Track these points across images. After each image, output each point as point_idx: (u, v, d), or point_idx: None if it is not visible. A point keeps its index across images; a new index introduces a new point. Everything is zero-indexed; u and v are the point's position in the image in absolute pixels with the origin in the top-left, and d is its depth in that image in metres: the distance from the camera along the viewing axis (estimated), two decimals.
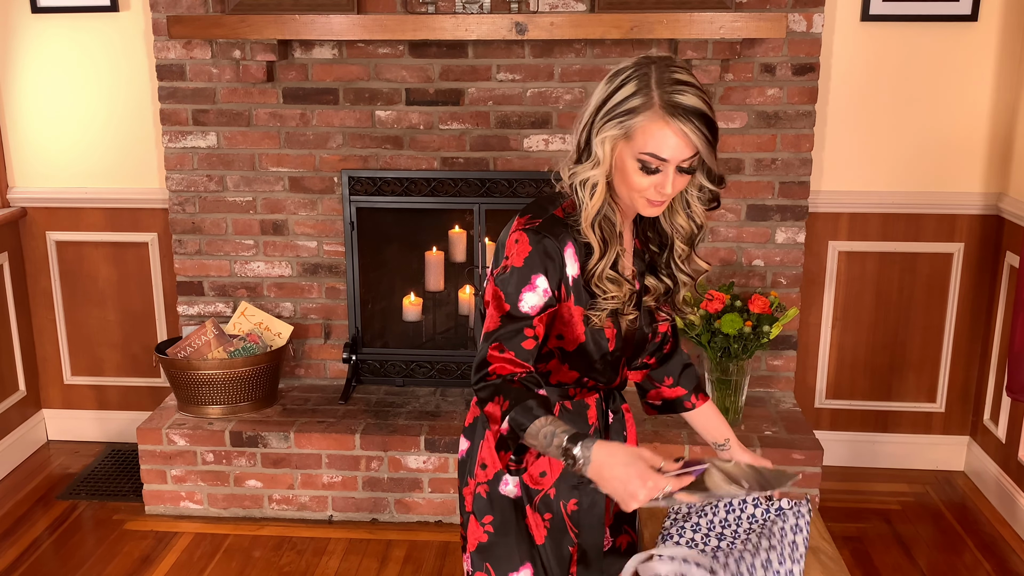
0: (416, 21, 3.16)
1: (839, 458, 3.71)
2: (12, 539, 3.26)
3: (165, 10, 3.35)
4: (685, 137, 1.54)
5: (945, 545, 3.23)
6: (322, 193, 3.52)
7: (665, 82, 1.54)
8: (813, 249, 3.56)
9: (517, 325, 1.61)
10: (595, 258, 1.64)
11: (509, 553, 1.81)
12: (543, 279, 1.62)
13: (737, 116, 3.35)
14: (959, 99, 3.42)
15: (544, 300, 1.62)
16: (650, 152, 1.55)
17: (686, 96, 1.53)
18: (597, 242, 1.63)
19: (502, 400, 1.54)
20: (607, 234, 1.64)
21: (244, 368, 3.36)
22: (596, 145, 1.59)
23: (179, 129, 3.49)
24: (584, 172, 1.62)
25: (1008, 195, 3.42)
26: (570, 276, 1.65)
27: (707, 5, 3.17)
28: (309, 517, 3.38)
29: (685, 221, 1.71)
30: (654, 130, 1.54)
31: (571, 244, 1.64)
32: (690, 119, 1.53)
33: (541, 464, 1.78)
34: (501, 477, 1.81)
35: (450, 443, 3.26)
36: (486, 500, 1.81)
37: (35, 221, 3.79)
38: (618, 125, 1.56)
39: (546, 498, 1.80)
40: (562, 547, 1.82)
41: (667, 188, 1.58)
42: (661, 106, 1.53)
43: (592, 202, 1.62)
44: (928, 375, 3.68)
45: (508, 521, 1.80)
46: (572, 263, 1.65)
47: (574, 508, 1.81)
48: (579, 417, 1.79)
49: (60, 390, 3.95)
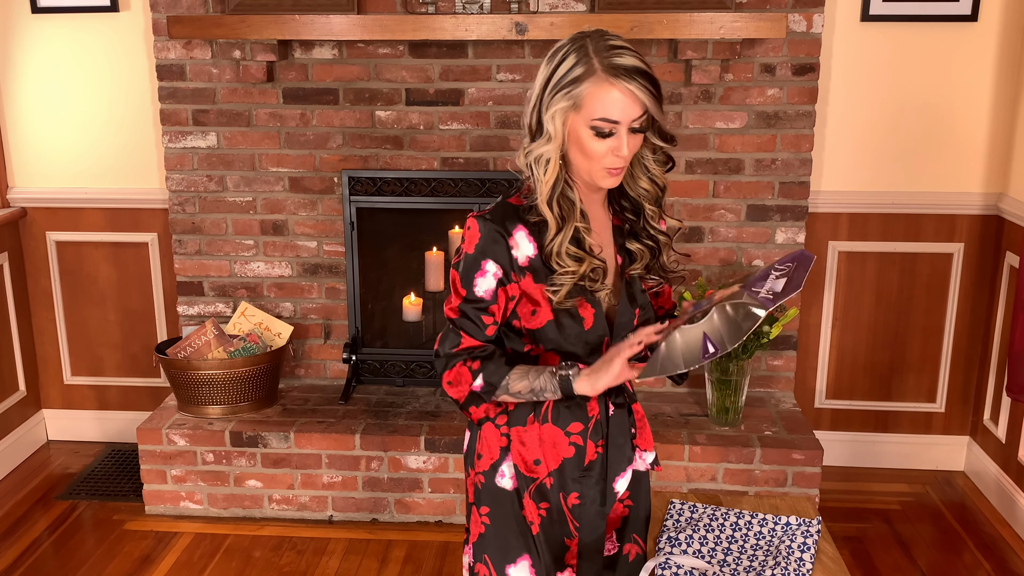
0: (416, 21, 3.16)
1: (839, 458, 3.71)
2: (12, 539, 3.26)
3: (165, 10, 3.35)
4: (632, 95, 1.59)
5: (945, 545, 3.23)
6: (322, 193, 3.52)
7: (603, 49, 1.60)
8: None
9: (475, 311, 1.70)
10: (551, 234, 1.68)
11: (506, 545, 1.82)
12: (491, 263, 1.68)
13: (737, 116, 3.35)
14: (959, 99, 3.43)
15: (495, 283, 1.69)
16: (600, 117, 1.60)
17: (625, 57, 1.59)
18: (554, 219, 1.67)
19: (469, 362, 1.70)
20: (565, 211, 1.68)
21: (244, 368, 3.36)
22: (547, 122, 1.64)
23: (179, 129, 3.50)
24: (537, 149, 1.66)
25: (1008, 195, 3.42)
26: (522, 257, 1.69)
27: (707, 5, 3.17)
28: (309, 517, 3.38)
29: (648, 185, 1.75)
30: (601, 94, 1.59)
31: (522, 227, 1.69)
32: (633, 77, 1.58)
33: (534, 450, 1.79)
34: (497, 469, 1.81)
35: (450, 443, 3.26)
36: (483, 491, 1.83)
37: (35, 221, 3.79)
38: (566, 96, 1.61)
39: (542, 487, 1.80)
40: (558, 537, 1.82)
41: (623, 150, 1.62)
42: (603, 70, 1.58)
43: (547, 177, 1.66)
44: (928, 375, 3.68)
45: (505, 513, 1.81)
46: (525, 244, 1.69)
47: (576, 502, 1.80)
48: (578, 408, 1.78)
49: (60, 390, 3.96)
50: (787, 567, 1.90)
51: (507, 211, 1.70)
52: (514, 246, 1.68)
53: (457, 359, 1.71)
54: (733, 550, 1.98)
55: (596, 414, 1.80)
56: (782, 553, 1.95)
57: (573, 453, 1.79)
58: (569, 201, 1.69)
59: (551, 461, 1.79)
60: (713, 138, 3.38)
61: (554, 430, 1.78)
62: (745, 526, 2.05)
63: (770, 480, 3.19)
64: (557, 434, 1.78)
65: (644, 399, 3.50)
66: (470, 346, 1.71)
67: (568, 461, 1.79)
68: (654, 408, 3.45)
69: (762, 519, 2.06)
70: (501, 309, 1.71)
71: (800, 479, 3.18)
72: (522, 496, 1.80)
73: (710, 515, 2.10)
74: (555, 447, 1.78)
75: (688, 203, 3.44)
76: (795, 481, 3.18)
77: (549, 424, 1.78)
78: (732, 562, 1.94)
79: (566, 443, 1.79)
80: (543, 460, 1.79)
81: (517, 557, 1.81)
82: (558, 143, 1.64)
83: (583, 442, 1.79)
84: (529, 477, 1.80)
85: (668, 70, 3.33)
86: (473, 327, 1.70)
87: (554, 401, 1.77)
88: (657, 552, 1.98)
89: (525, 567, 1.81)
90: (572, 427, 1.79)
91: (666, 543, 1.99)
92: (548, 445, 1.78)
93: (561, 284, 1.68)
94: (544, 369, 1.71)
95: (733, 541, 2.01)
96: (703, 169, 3.41)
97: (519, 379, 1.70)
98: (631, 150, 1.63)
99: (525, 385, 1.70)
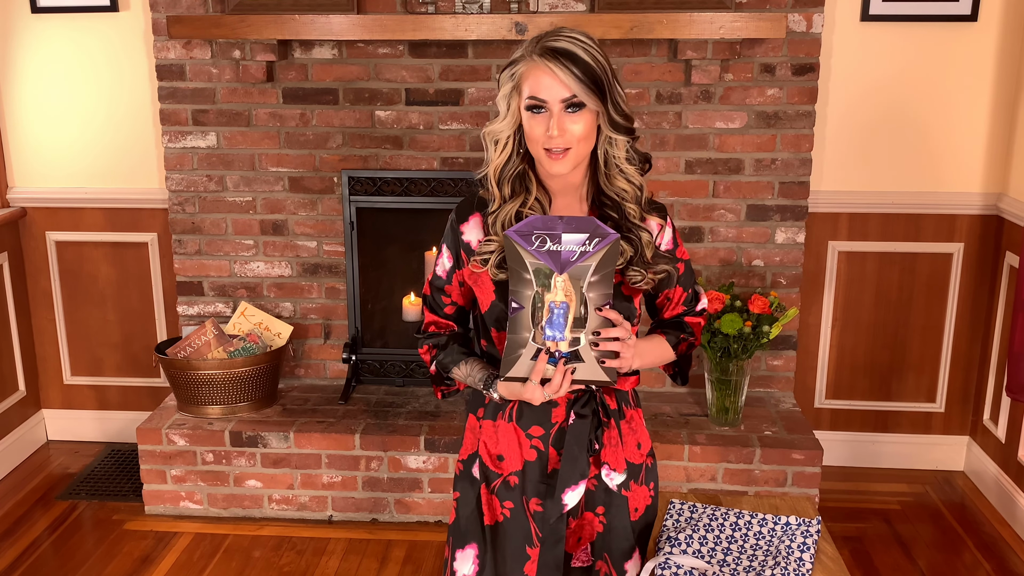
0: (416, 21, 3.16)
1: (839, 458, 3.71)
2: (12, 539, 3.26)
3: (165, 10, 3.35)
4: (554, 76, 1.65)
5: (945, 545, 3.23)
6: (322, 193, 3.52)
7: (544, 36, 1.70)
8: (813, 249, 3.57)
9: (437, 291, 1.89)
10: (494, 205, 1.76)
11: (462, 531, 1.88)
12: (446, 249, 1.85)
13: (737, 116, 3.35)
14: (959, 99, 3.43)
15: (449, 265, 1.85)
16: (531, 95, 1.68)
17: (558, 41, 1.67)
18: (499, 194, 1.76)
19: (430, 348, 1.91)
20: (515, 189, 1.76)
21: (244, 368, 3.36)
22: (499, 101, 1.74)
23: (179, 129, 3.49)
24: (492, 125, 1.76)
25: (1008, 195, 3.42)
26: (474, 241, 1.80)
27: (707, 5, 3.17)
28: (309, 517, 3.38)
29: (625, 184, 1.79)
30: (531, 73, 1.68)
31: (478, 215, 1.80)
32: (557, 58, 1.65)
33: (498, 446, 1.83)
34: (473, 460, 1.88)
35: (450, 443, 3.26)
36: (459, 477, 1.92)
37: (35, 221, 3.79)
38: (509, 78, 1.72)
39: (507, 484, 1.83)
40: (518, 542, 1.82)
41: (553, 130, 1.67)
42: (535, 52, 1.68)
43: (497, 154, 1.76)
44: (928, 375, 3.68)
45: (467, 500, 1.88)
46: (477, 231, 1.80)
47: (537, 509, 1.82)
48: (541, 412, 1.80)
49: (60, 390, 3.96)
50: (787, 567, 1.90)
51: (472, 202, 1.82)
52: (464, 232, 1.81)
53: (423, 340, 1.92)
54: (733, 550, 1.98)
55: (561, 421, 1.80)
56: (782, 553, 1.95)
57: (535, 457, 1.81)
58: (524, 182, 1.77)
59: (514, 460, 1.82)
60: (713, 138, 3.38)
61: (517, 429, 1.82)
62: (745, 526, 2.05)
63: (770, 480, 3.19)
64: (520, 434, 1.82)
65: (644, 399, 3.50)
66: (433, 323, 1.90)
67: (530, 464, 1.82)
68: (654, 408, 3.45)
69: (762, 519, 2.06)
70: (456, 291, 1.86)
71: (800, 479, 3.18)
72: (479, 487, 1.86)
73: (710, 515, 2.10)
74: (519, 447, 1.82)
75: (688, 203, 3.44)
76: (795, 481, 3.18)
77: (513, 423, 1.82)
78: (732, 562, 1.94)
79: (528, 445, 1.82)
80: (506, 457, 1.82)
81: (467, 543, 1.88)
82: (509, 122, 1.73)
83: (545, 447, 1.81)
84: (493, 472, 1.84)
85: (668, 70, 3.33)
86: (435, 305, 1.89)
87: (517, 401, 1.80)
88: (657, 552, 1.98)
89: (471, 555, 1.86)
90: (533, 430, 1.82)
91: (666, 543, 1.99)
92: (512, 444, 1.82)
93: (490, 251, 1.74)
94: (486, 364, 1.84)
95: (733, 541, 2.01)
96: (703, 169, 3.41)
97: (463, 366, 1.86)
98: (564, 132, 1.67)
99: (464, 371, 1.85)
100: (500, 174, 1.76)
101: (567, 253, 1.62)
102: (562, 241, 1.62)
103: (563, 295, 1.64)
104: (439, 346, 1.89)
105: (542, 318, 1.64)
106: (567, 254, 1.62)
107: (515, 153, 1.75)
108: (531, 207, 1.75)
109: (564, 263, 1.63)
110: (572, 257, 1.62)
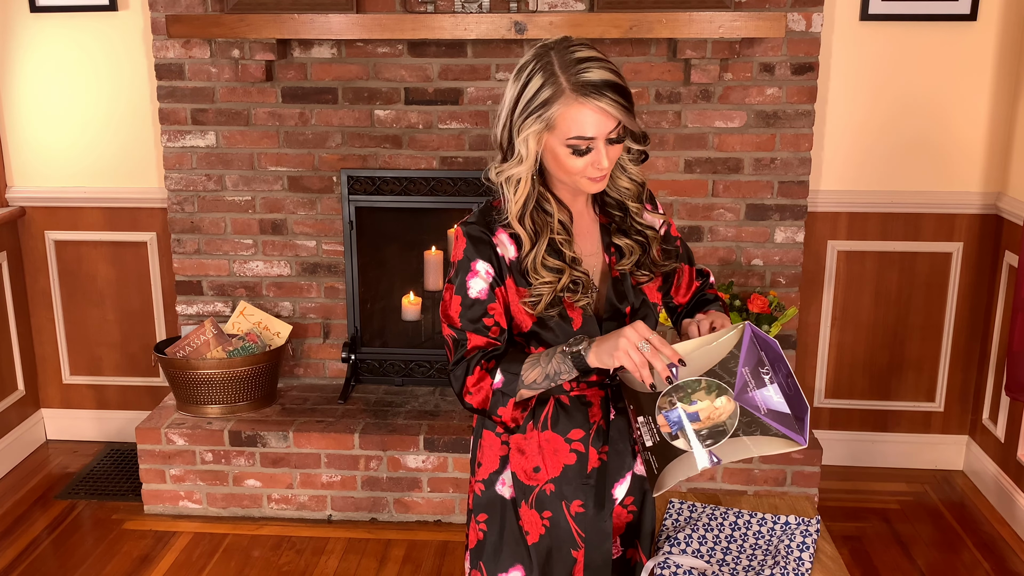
0: (415, 20, 3.16)
1: (838, 457, 3.71)
2: (11, 539, 3.26)
3: (164, 9, 3.35)
4: (603, 112, 1.57)
5: (944, 544, 3.23)
6: (321, 192, 3.52)
7: (569, 64, 1.58)
8: (812, 248, 3.57)
9: (475, 313, 1.68)
10: (525, 248, 1.68)
11: (500, 554, 1.81)
12: (481, 263, 1.68)
13: (736, 115, 3.35)
14: (958, 99, 3.43)
15: (488, 281, 1.68)
16: (576, 135, 1.59)
17: (592, 72, 1.57)
18: (527, 234, 1.67)
19: (485, 363, 1.67)
20: (538, 225, 1.68)
21: (243, 368, 3.36)
22: (519, 144, 1.63)
23: (178, 128, 3.49)
24: (509, 170, 1.66)
25: (1007, 195, 3.42)
26: (506, 257, 1.69)
27: (706, 4, 3.17)
28: (308, 516, 3.38)
29: (628, 183, 1.75)
30: (572, 114, 1.57)
31: (502, 230, 1.69)
32: (603, 93, 1.56)
33: (533, 458, 1.77)
34: (496, 478, 1.81)
35: (449, 443, 3.26)
36: (481, 499, 1.83)
37: (34, 220, 3.78)
38: (537, 120, 1.59)
39: (542, 495, 1.78)
40: (562, 550, 1.80)
41: (603, 163, 1.61)
42: (572, 89, 1.57)
43: (516, 197, 1.66)
44: (927, 374, 3.68)
45: (501, 521, 1.81)
46: (507, 246, 1.69)
47: (579, 510, 1.79)
48: (579, 414, 1.77)
49: (59, 390, 3.95)
50: (786, 567, 1.90)
51: (489, 214, 1.71)
52: (499, 244, 1.69)
53: (474, 362, 1.67)
54: (732, 550, 1.98)
55: (599, 420, 1.79)
56: (781, 552, 1.95)
57: (575, 460, 1.77)
58: (544, 214, 1.69)
59: (551, 468, 1.78)
60: (712, 137, 3.38)
61: (554, 437, 1.76)
62: (744, 525, 2.05)
63: (769, 479, 3.19)
64: (557, 441, 1.77)
65: None
66: (481, 345, 1.68)
67: (569, 468, 1.77)
68: None
69: (761, 518, 2.06)
70: (499, 309, 1.69)
71: (799, 478, 3.18)
72: (519, 506, 1.80)
73: (709, 514, 2.10)
74: (556, 454, 1.77)
75: (687, 202, 3.44)
76: (794, 480, 3.18)
77: (549, 431, 1.77)
78: (731, 562, 1.94)
79: (567, 450, 1.77)
80: (543, 467, 1.78)
81: (510, 566, 1.81)
82: (530, 164, 1.64)
83: (585, 449, 1.77)
84: (528, 486, 1.79)
85: (667, 69, 3.33)
86: (476, 329, 1.68)
87: (554, 407, 1.75)
88: (656, 552, 1.98)
89: None
90: (573, 434, 1.77)
91: (665, 542, 1.98)
92: (548, 452, 1.77)
93: (539, 295, 1.67)
94: (553, 352, 1.65)
95: (732, 541, 2.01)
96: (702, 168, 3.41)
97: (531, 368, 1.65)
98: (611, 160, 1.63)
99: (539, 372, 1.65)
100: (521, 212, 1.67)
101: (746, 385, 1.57)
102: (765, 384, 1.56)
103: (707, 415, 1.58)
104: (496, 357, 1.69)
105: (676, 409, 1.58)
106: (745, 385, 1.57)
107: (533, 187, 1.67)
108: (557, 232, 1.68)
109: (739, 391, 1.57)
110: (746, 391, 1.57)
